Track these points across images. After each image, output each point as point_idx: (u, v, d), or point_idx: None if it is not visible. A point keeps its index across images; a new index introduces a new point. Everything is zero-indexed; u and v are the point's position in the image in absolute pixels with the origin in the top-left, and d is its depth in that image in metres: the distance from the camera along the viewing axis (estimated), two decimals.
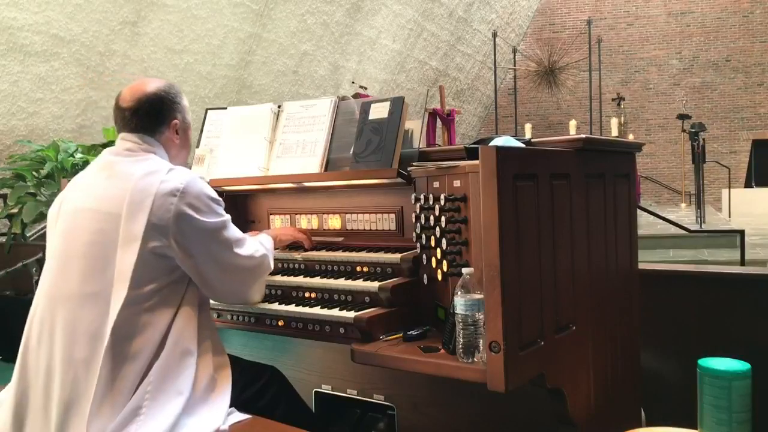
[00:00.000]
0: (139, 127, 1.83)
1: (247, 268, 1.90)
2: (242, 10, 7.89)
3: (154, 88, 1.86)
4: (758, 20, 14.91)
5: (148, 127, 1.83)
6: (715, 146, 14.80)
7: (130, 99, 1.83)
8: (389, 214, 2.26)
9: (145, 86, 1.86)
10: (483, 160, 1.52)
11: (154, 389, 1.60)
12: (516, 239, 1.56)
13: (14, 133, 5.99)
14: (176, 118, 1.89)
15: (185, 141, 1.95)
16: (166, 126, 1.86)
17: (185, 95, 1.99)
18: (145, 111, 1.82)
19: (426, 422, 2.21)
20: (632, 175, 2.24)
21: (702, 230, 8.33)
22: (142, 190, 1.68)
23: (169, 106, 1.87)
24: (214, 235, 1.77)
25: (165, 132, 1.87)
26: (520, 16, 15.63)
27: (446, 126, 8.48)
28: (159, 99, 1.85)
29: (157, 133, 1.85)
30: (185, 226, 1.70)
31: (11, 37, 5.60)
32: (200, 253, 1.73)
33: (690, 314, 2.64)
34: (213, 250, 1.77)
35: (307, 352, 2.47)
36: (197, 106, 7.77)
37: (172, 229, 1.68)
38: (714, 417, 1.63)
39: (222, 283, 1.84)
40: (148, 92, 1.84)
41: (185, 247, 1.70)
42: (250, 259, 1.89)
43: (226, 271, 1.83)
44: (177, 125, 1.89)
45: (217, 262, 1.78)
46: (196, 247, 1.72)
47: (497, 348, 1.51)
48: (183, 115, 1.92)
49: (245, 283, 1.95)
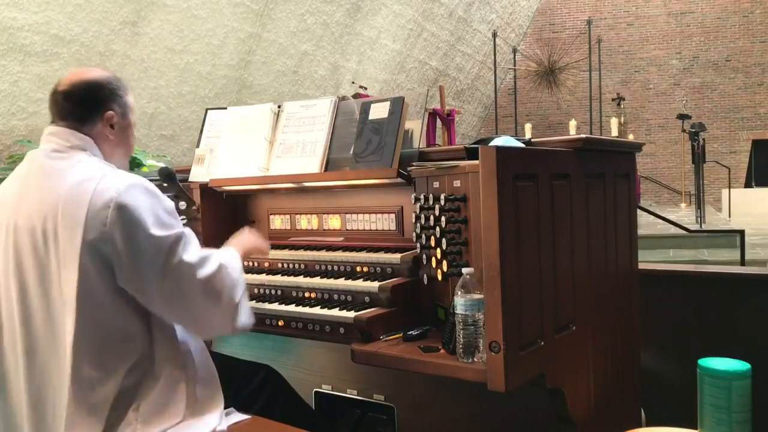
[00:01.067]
0: (69, 114, 1.64)
1: (209, 292, 1.60)
2: (242, 10, 7.89)
3: (94, 75, 1.70)
4: (758, 20, 14.90)
5: (79, 115, 1.64)
6: (715, 146, 14.79)
7: (67, 83, 1.67)
8: (389, 214, 2.26)
9: (86, 73, 1.70)
10: (483, 160, 1.52)
11: (145, 417, 1.52)
12: (516, 239, 1.56)
13: (14, 133, 5.98)
14: (112, 110, 1.68)
15: (122, 139, 1.73)
16: (99, 117, 1.66)
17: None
18: (79, 97, 1.65)
19: (426, 422, 2.21)
20: (632, 175, 2.24)
21: (702, 230, 8.33)
22: (74, 202, 1.49)
23: (106, 95, 1.68)
24: (162, 252, 1.51)
25: (98, 123, 1.66)
26: (520, 16, 15.62)
27: (446, 126, 8.48)
28: (97, 85, 1.67)
29: (88, 123, 1.65)
30: (125, 242, 1.47)
31: (11, 37, 5.60)
32: (147, 275, 1.50)
33: (690, 314, 2.64)
34: (162, 272, 1.52)
35: (307, 352, 2.47)
36: (197, 106, 7.77)
37: (111, 246, 1.47)
38: (714, 417, 1.63)
39: (179, 311, 1.59)
40: (87, 78, 1.68)
41: (128, 267, 1.49)
42: (211, 282, 1.60)
43: (183, 298, 1.57)
44: (112, 118, 1.68)
45: (169, 286, 1.53)
46: (141, 267, 1.50)
47: (497, 348, 1.51)
48: (123, 111, 1.71)
49: (212, 311, 1.64)
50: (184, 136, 7.86)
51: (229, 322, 1.67)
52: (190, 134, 7.80)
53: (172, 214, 1.59)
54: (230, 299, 1.66)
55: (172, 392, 1.58)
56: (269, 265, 2.41)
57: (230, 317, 1.67)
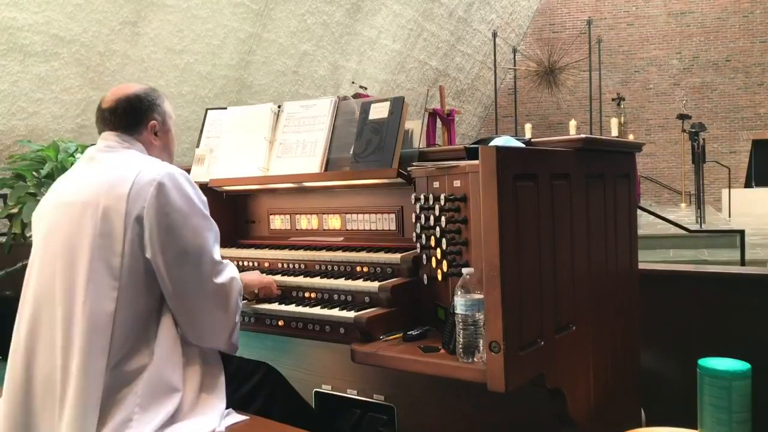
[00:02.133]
0: (117, 125, 1.84)
1: (219, 297, 1.74)
2: (242, 10, 7.89)
3: (134, 90, 1.88)
4: (758, 20, 14.91)
5: (125, 125, 1.84)
6: (715, 146, 14.80)
7: (110, 100, 1.86)
8: (389, 214, 2.26)
9: (126, 89, 1.89)
10: (483, 160, 1.52)
11: (143, 400, 1.58)
12: (516, 239, 1.56)
13: (14, 133, 5.99)
14: (154, 119, 1.88)
15: (165, 144, 1.93)
16: (144, 126, 1.86)
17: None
18: (123, 110, 1.84)
19: (426, 422, 2.21)
20: (632, 175, 2.24)
21: (702, 230, 8.32)
22: (120, 180, 1.66)
23: (147, 106, 1.87)
24: (191, 238, 1.67)
25: (143, 132, 1.86)
26: (520, 16, 15.62)
27: (446, 126, 8.49)
28: (137, 99, 1.86)
29: (135, 132, 1.85)
30: (161, 219, 1.63)
31: (11, 37, 5.60)
32: (171, 254, 1.64)
33: (690, 314, 2.64)
34: (186, 258, 1.66)
35: (307, 352, 2.47)
36: (197, 106, 7.77)
37: (148, 220, 1.62)
38: (714, 417, 1.63)
39: (189, 306, 1.69)
40: (128, 93, 1.87)
41: (157, 243, 1.63)
42: (227, 297, 1.75)
43: (196, 293, 1.69)
44: (155, 126, 1.88)
45: (188, 272, 1.67)
46: (167, 244, 1.63)
47: (497, 348, 1.51)
48: (163, 118, 1.91)
49: (214, 316, 1.74)
50: (184, 136, 7.86)
51: (227, 333, 1.79)
52: (190, 134, 7.80)
53: (205, 204, 1.75)
54: (235, 311, 1.79)
55: (170, 377, 1.63)
56: (269, 265, 2.41)
57: (230, 328, 1.79)
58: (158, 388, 1.60)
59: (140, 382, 1.59)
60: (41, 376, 1.64)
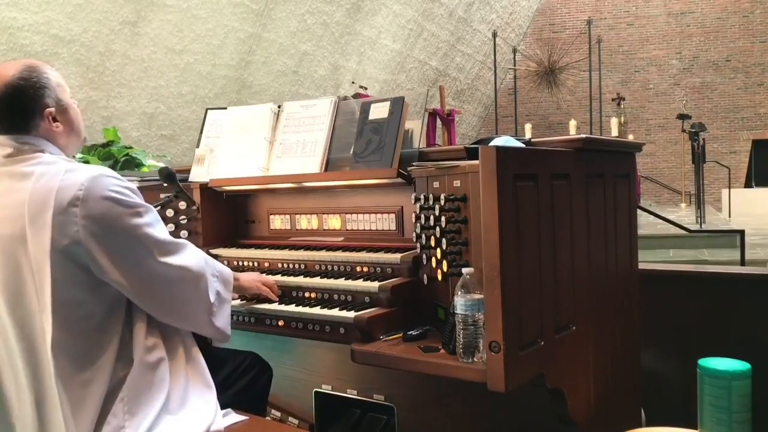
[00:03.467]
0: (8, 127, 1.57)
1: (177, 280, 1.62)
2: (242, 10, 7.89)
3: (9, 78, 1.56)
4: (758, 20, 14.91)
5: (17, 125, 1.57)
6: (715, 146, 14.80)
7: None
8: (389, 214, 2.26)
9: (1, 77, 1.57)
10: (483, 160, 1.52)
11: (130, 406, 1.53)
12: (516, 239, 1.56)
13: None
14: (47, 106, 1.60)
15: (69, 125, 1.67)
16: (39, 117, 1.59)
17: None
18: (7, 108, 1.56)
19: (426, 422, 2.21)
20: (632, 175, 2.24)
21: (702, 230, 8.33)
22: (39, 204, 1.46)
23: (32, 95, 1.58)
24: (134, 236, 1.54)
25: (40, 124, 1.60)
26: (520, 16, 15.63)
27: (446, 126, 8.50)
28: (19, 90, 1.56)
29: (31, 128, 1.58)
30: (98, 237, 1.47)
31: (11, 37, 5.60)
32: (120, 262, 1.51)
33: (690, 314, 2.64)
34: (134, 257, 1.53)
35: (307, 352, 2.47)
36: (197, 106, 7.77)
37: (84, 244, 1.46)
38: (714, 417, 1.63)
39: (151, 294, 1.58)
40: (5, 84, 1.56)
41: (104, 262, 1.49)
42: (182, 270, 1.62)
43: (153, 280, 1.57)
44: (52, 113, 1.61)
45: (139, 271, 1.54)
46: (116, 256, 1.50)
47: (497, 348, 1.51)
48: (56, 97, 1.62)
49: (183, 302, 1.64)
50: (184, 136, 7.87)
51: (204, 312, 1.69)
52: (190, 134, 7.80)
53: (135, 193, 1.58)
54: (198, 286, 1.67)
55: (152, 377, 1.58)
56: (269, 265, 2.41)
57: (202, 306, 1.69)
58: (144, 390, 1.56)
59: (125, 389, 1.54)
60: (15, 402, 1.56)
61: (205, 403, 1.67)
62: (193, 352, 1.75)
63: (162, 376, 1.61)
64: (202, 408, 1.66)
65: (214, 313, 1.73)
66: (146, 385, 1.57)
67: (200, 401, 1.67)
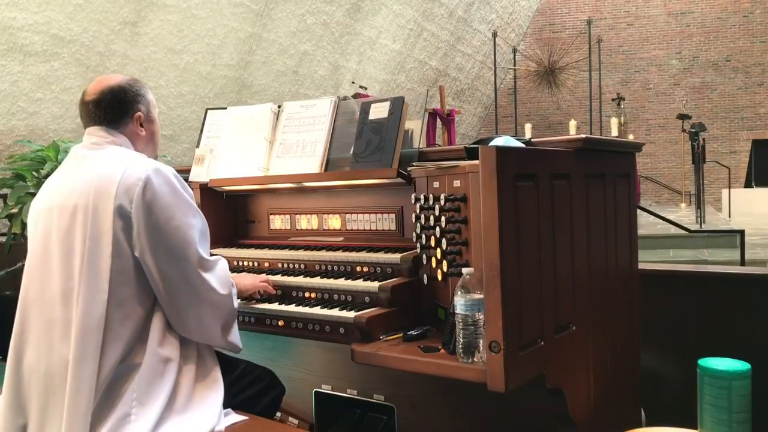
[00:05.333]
0: (102, 119, 1.81)
1: (210, 301, 1.74)
2: (242, 10, 7.88)
3: (116, 82, 1.85)
4: (758, 20, 14.90)
5: (111, 119, 1.81)
6: (715, 146, 14.79)
7: (93, 92, 1.82)
8: (389, 214, 2.26)
9: (109, 80, 1.85)
10: (483, 160, 1.52)
11: (140, 395, 1.59)
12: (516, 239, 1.56)
13: (14, 133, 5.98)
14: (140, 111, 1.85)
15: (151, 134, 1.92)
16: (130, 118, 1.84)
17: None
18: (107, 102, 1.81)
19: (426, 422, 2.21)
20: (632, 175, 2.24)
21: (702, 230, 8.32)
22: (107, 179, 1.65)
23: (131, 97, 1.84)
24: (177, 234, 1.68)
25: (129, 124, 1.84)
26: (520, 16, 15.62)
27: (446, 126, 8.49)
28: (122, 91, 1.83)
29: (121, 125, 1.82)
30: (149, 216, 1.64)
31: (11, 37, 5.60)
32: (158, 251, 1.65)
33: (690, 314, 2.64)
34: (173, 254, 1.67)
35: (307, 352, 2.47)
36: (197, 106, 7.76)
37: (136, 218, 1.63)
38: (714, 417, 1.63)
39: (178, 301, 1.69)
40: (111, 85, 1.83)
41: (146, 240, 1.63)
42: (214, 292, 1.75)
43: (183, 288, 1.69)
44: (141, 118, 1.86)
45: (174, 267, 1.67)
46: (155, 241, 1.64)
47: (497, 348, 1.51)
48: (147, 108, 1.89)
49: (201, 311, 1.74)
50: (184, 136, 7.86)
51: (218, 328, 1.78)
52: (190, 134, 7.79)
53: (193, 199, 1.75)
54: (226, 306, 1.79)
55: (163, 371, 1.64)
56: (269, 265, 2.41)
57: (220, 323, 1.78)
58: (154, 383, 1.61)
59: (136, 378, 1.60)
60: (37, 375, 1.65)
61: (210, 407, 1.68)
62: (205, 351, 1.79)
63: (171, 373, 1.65)
64: (206, 411, 1.67)
65: (229, 329, 1.83)
66: (157, 379, 1.62)
67: (205, 403, 1.68)
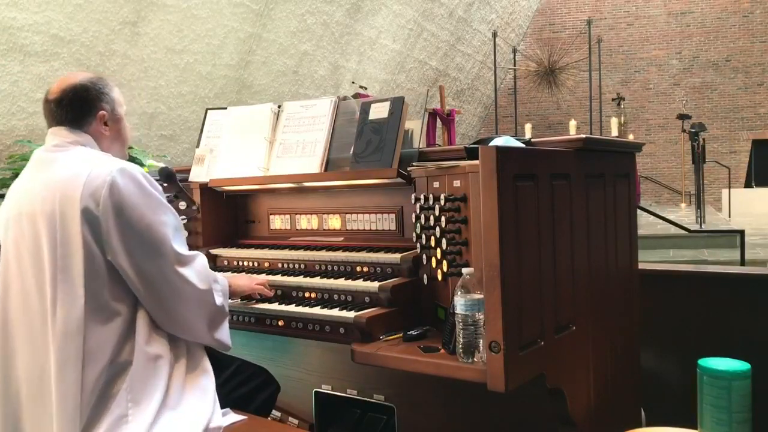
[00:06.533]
0: (64, 118, 1.76)
1: (190, 296, 1.71)
2: (242, 10, 7.88)
3: (79, 80, 1.80)
4: (758, 20, 14.90)
5: (73, 118, 1.76)
6: (715, 146, 14.79)
7: (55, 91, 1.78)
8: (389, 214, 2.26)
9: (71, 78, 1.81)
10: (483, 160, 1.52)
11: (134, 395, 1.58)
12: (516, 239, 1.56)
13: (14, 133, 5.98)
14: (103, 109, 1.80)
15: (116, 133, 1.85)
16: (93, 117, 1.78)
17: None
18: (68, 101, 1.76)
19: (426, 422, 2.21)
20: (632, 175, 2.24)
21: (702, 230, 8.32)
22: (72, 182, 1.61)
23: (94, 96, 1.79)
24: (150, 232, 1.64)
25: (92, 123, 1.78)
26: (520, 16, 15.62)
27: (446, 126, 8.50)
28: (84, 89, 1.78)
29: (84, 124, 1.77)
30: (119, 217, 1.59)
31: (11, 37, 5.60)
32: (132, 252, 1.61)
33: (690, 314, 2.64)
34: (148, 252, 1.63)
35: (307, 352, 2.47)
36: (197, 106, 7.76)
37: (105, 220, 1.58)
38: (714, 417, 1.63)
39: (159, 299, 1.66)
40: (73, 83, 1.78)
41: (118, 242, 1.59)
42: (193, 287, 1.70)
43: (162, 285, 1.66)
44: (105, 116, 1.80)
45: (151, 266, 1.64)
46: (126, 243, 1.60)
47: (497, 348, 1.51)
48: (112, 106, 1.83)
49: (184, 307, 1.71)
50: (184, 136, 7.86)
51: (204, 324, 1.76)
52: (190, 134, 7.79)
53: (163, 195, 1.71)
54: (207, 301, 1.75)
55: (154, 368, 1.63)
56: (269, 265, 2.41)
57: (205, 320, 1.76)
58: (147, 382, 1.60)
59: (129, 379, 1.59)
60: (25, 384, 1.64)
61: (202, 401, 1.68)
62: (195, 349, 1.77)
63: (162, 369, 1.64)
64: (198, 405, 1.67)
65: (216, 326, 1.80)
66: (149, 376, 1.61)
67: (197, 398, 1.68)
